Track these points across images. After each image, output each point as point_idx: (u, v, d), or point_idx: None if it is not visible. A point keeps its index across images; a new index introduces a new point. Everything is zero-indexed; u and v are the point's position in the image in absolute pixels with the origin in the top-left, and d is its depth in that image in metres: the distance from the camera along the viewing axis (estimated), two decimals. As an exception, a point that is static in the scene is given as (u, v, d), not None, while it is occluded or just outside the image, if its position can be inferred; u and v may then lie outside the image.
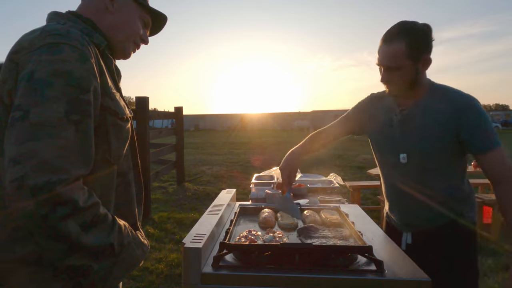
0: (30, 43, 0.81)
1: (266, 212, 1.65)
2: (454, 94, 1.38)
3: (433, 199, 1.44)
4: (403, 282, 1.06)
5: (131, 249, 0.93)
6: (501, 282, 3.00)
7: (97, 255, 0.83)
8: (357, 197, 4.61)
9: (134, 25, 1.06)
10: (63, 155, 0.74)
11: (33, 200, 0.70)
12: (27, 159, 0.70)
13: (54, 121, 0.74)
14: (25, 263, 0.84)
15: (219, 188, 6.75)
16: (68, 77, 0.78)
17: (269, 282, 1.08)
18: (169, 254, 3.60)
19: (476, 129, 1.33)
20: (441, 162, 1.41)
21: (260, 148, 16.20)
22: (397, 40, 1.30)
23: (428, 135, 1.39)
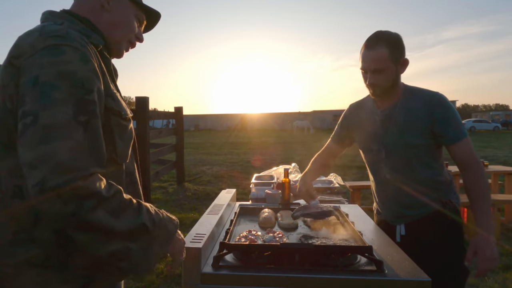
0: (31, 46, 0.80)
1: (266, 212, 1.65)
2: (424, 93, 1.56)
3: (420, 187, 1.56)
4: (403, 282, 1.06)
5: (163, 224, 0.93)
6: (501, 282, 3.00)
7: (132, 237, 0.83)
8: (357, 197, 4.60)
9: (130, 24, 1.05)
10: (76, 157, 0.74)
11: (58, 200, 0.71)
12: (43, 163, 0.71)
13: (63, 123, 0.74)
14: (29, 266, 0.83)
15: (219, 188, 6.75)
16: (72, 78, 0.78)
17: (269, 282, 1.08)
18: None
19: (446, 122, 1.49)
20: (422, 153, 1.55)
21: (260, 148, 16.20)
22: (379, 46, 1.47)
23: (408, 129, 1.54)
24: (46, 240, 0.83)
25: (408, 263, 1.18)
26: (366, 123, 1.69)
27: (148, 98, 5.13)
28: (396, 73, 1.51)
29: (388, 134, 1.60)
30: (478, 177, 1.48)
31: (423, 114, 1.52)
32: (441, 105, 1.50)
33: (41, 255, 0.83)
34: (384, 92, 1.55)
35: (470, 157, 1.50)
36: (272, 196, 2.21)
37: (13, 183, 0.83)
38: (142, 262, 0.86)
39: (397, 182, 1.61)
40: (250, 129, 43.22)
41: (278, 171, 3.01)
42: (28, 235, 0.83)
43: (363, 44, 1.53)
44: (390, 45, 1.47)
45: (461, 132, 1.50)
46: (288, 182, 2.10)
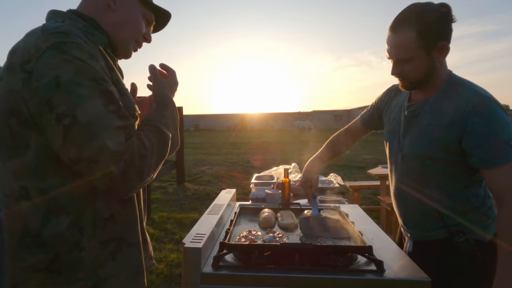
0: (36, 47, 0.79)
1: (266, 212, 1.65)
2: (468, 92, 1.17)
3: (428, 208, 1.28)
4: (403, 282, 1.06)
5: (169, 106, 1.02)
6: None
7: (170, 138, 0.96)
8: (357, 197, 4.61)
9: (137, 23, 1.03)
10: (121, 141, 0.80)
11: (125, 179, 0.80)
12: (101, 155, 0.77)
13: (99, 116, 0.78)
14: (36, 271, 0.83)
15: (219, 188, 6.75)
16: (89, 73, 0.80)
17: (269, 282, 1.08)
18: (169, 254, 3.60)
19: (482, 138, 1.12)
20: (440, 169, 1.23)
21: (260, 148, 16.20)
22: (405, 28, 1.14)
23: (428, 136, 1.24)
24: (55, 240, 0.82)
25: (408, 263, 1.18)
26: (394, 115, 1.42)
27: (148, 98, 5.13)
28: (429, 63, 1.18)
29: (408, 136, 1.31)
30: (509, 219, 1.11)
31: (453, 119, 1.17)
32: (480, 114, 1.12)
33: (47, 259, 0.83)
34: (414, 85, 1.26)
35: (507, 192, 1.12)
36: (272, 196, 2.21)
37: (18, 185, 0.83)
38: (174, 148, 1.00)
39: (405, 193, 1.36)
40: (250, 129, 43.22)
41: (278, 171, 3.01)
42: (34, 239, 0.82)
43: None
44: (421, 25, 1.13)
45: (499, 155, 1.12)
46: (288, 182, 2.10)
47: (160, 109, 0.99)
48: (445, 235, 1.27)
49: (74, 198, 0.84)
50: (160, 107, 1.00)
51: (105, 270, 0.88)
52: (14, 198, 0.83)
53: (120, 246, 0.91)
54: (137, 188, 0.87)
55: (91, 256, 0.85)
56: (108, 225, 0.88)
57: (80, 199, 0.84)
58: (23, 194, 0.82)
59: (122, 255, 0.91)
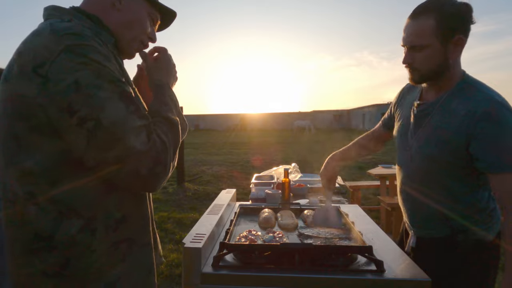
0: (48, 49, 0.76)
1: (266, 212, 1.65)
2: (481, 96, 1.15)
3: (432, 208, 1.29)
4: (403, 282, 1.06)
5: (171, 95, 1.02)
6: (501, 282, 2.99)
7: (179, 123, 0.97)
8: (357, 197, 4.61)
9: (143, 24, 0.99)
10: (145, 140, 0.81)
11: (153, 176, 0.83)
12: (129, 156, 0.79)
13: (122, 118, 0.79)
14: (46, 276, 0.82)
15: (219, 188, 6.75)
16: (107, 75, 0.80)
17: (269, 282, 1.08)
18: (169, 254, 3.60)
19: (491, 144, 1.11)
20: (446, 172, 1.23)
21: (260, 148, 16.19)
22: (425, 15, 1.14)
23: (436, 138, 1.22)
24: (66, 244, 0.81)
25: (408, 263, 1.18)
26: (405, 112, 1.41)
27: (148, 98, 5.13)
28: (443, 55, 1.16)
29: (417, 136, 1.30)
30: None
31: (462, 122, 1.15)
32: (491, 120, 1.11)
33: (58, 263, 0.81)
34: (423, 78, 1.23)
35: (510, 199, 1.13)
36: (272, 196, 2.21)
37: (24, 190, 0.81)
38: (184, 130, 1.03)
39: (410, 190, 1.38)
40: (250, 129, 43.21)
41: (278, 171, 3.01)
42: (45, 244, 0.81)
43: None
44: (440, 16, 1.12)
45: (508, 162, 1.11)
46: (288, 182, 2.10)
47: (159, 97, 0.98)
48: (448, 233, 1.29)
49: (86, 201, 0.83)
50: (158, 94, 0.99)
51: (116, 271, 0.87)
52: (18, 204, 0.81)
53: (131, 246, 0.90)
54: (163, 183, 0.88)
55: (103, 258, 0.84)
56: (120, 226, 0.88)
57: (92, 202, 0.84)
58: (29, 199, 0.81)
59: (133, 255, 0.91)
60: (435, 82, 1.25)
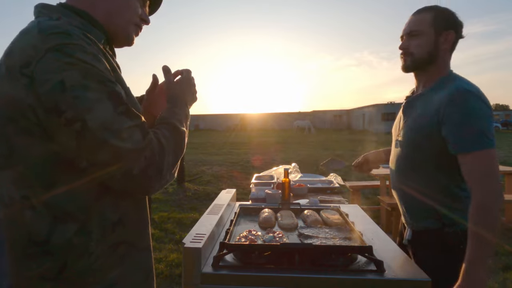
0: (34, 48, 0.75)
1: (266, 212, 1.65)
2: (453, 84, 1.28)
3: (420, 197, 1.36)
4: (403, 282, 1.06)
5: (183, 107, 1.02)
6: (501, 282, 3.00)
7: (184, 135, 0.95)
8: (357, 197, 4.61)
9: (132, 6, 0.96)
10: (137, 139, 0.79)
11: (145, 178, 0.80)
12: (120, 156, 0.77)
13: (110, 119, 0.76)
14: (44, 280, 0.80)
15: (219, 188, 6.75)
16: (95, 75, 0.77)
17: (269, 282, 1.08)
18: (169, 254, 3.60)
19: (455, 125, 1.21)
20: (427, 157, 1.32)
21: (260, 148, 16.20)
22: (425, 11, 1.35)
23: (417, 125, 1.34)
24: (63, 248, 0.80)
25: (408, 263, 1.18)
26: (399, 111, 1.56)
27: (148, 98, 5.12)
28: (434, 43, 1.32)
29: (404, 125, 1.43)
30: (478, 208, 1.19)
31: (436, 109, 1.27)
32: (457, 103, 1.22)
33: (55, 268, 0.80)
34: (415, 64, 1.36)
35: (475, 180, 1.20)
36: (272, 196, 2.21)
37: (19, 194, 0.79)
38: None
39: (400, 184, 1.45)
40: (250, 129, 43.21)
41: (278, 171, 3.01)
42: (41, 248, 0.80)
43: None
44: (437, 13, 1.33)
45: (471, 142, 1.20)
46: (288, 182, 2.10)
47: (171, 106, 0.98)
48: (438, 225, 1.35)
49: (81, 204, 0.81)
50: (171, 104, 0.99)
51: (114, 274, 0.85)
52: (15, 208, 0.80)
53: (130, 249, 0.89)
54: (156, 188, 0.85)
55: (100, 260, 0.83)
56: (117, 229, 0.86)
57: (88, 205, 0.82)
58: (25, 203, 0.79)
59: (132, 259, 0.89)
60: (423, 72, 1.38)
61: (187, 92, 1.05)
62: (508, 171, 4.75)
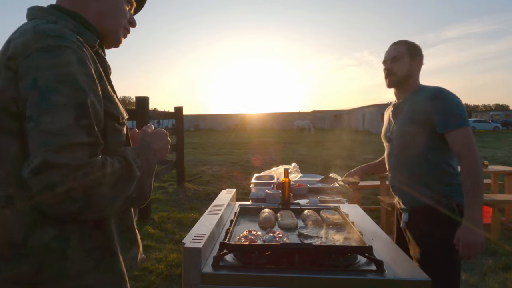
0: (25, 46, 0.77)
1: (266, 212, 1.65)
2: (429, 88, 1.71)
3: (414, 181, 1.68)
4: (403, 282, 1.06)
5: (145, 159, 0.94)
6: (501, 282, 3.00)
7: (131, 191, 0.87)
8: (357, 197, 4.61)
9: (122, 9, 0.99)
10: (79, 157, 0.74)
11: (69, 200, 0.73)
12: (49, 168, 0.71)
13: (65, 129, 0.73)
14: (16, 283, 0.79)
15: (219, 188, 6.75)
16: (72, 81, 0.76)
17: (269, 282, 1.08)
18: (169, 254, 3.60)
19: (441, 112, 1.59)
20: (420, 143, 1.65)
21: (260, 148, 16.19)
22: (401, 43, 1.79)
23: (409, 118, 1.69)
24: (40, 251, 0.79)
25: (408, 263, 1.18)
26: (386, 118, 1.93)
27: (148, 98, 5.13)
28: (409, 66, 1.74)
29: (395, 123, 1.78)
30: (468, 169, 1.53)
31: (422, 105, 1.64)
32: (439, 97, 1.61)
33: (31, 271, 0.79)
34: (398, 81, 1.76)
35: (463, 147, 1.55)
36: (272, 196, 2.21)
37: (3, 194, 0.79)
38: (142, 197, 0.92)
39: (397, 172, 1.77)
40: (250, 129, 43.21)
41: (278, 171, 3.01)
42: (17, 251, 0.78)
43: None
44: (408, 44, 1.77)
45: (455, 121, 1.57)
46: (288, 182, 2.10)
47: (136, 150, 0.94)
48: (432, 201, 1.64)
49: None
50: (137, 149, 0.96)
51: (89, 278, 0.85)
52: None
53: (104, 254, 0.88)
54: (76, 213, 0.76)
55: (76, 265, 0.83)
56: (93, 234, 0.86)
57: None
58: (8, 202, 0.79)
59: (106, 263, 0.89)
60: (402, 87, 1.78)
61: (158, 142, 1.03)
62: (508, 171, 4.75)
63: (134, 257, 1.02)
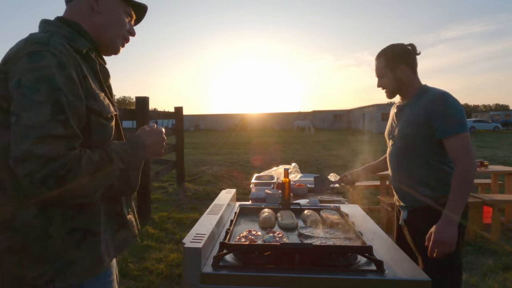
0: (16, 53, 0.90)
1: (266, 212, 1.65)
2: (432, 91, 1.71)
3: (413, 181, 1.71)
4: (403, 282, 1.06)
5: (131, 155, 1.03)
6: (501, 282, 3.00)
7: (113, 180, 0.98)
8: (357, 197, 4.60)
9: (122, 21, 1.11)
10: (56, 148, 0.85)
11: (45, 187, 0.83)
12: (28, 157, 0.82)
13: (42, 123, 0.84)
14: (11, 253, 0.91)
15: (219, 188, 6.75)
16: (50, 82, 0.87)
17: (269, 282, 1.08)
18: (169, 254, 3.59)
19: (440, 117, 1.60)
20: (420, 145, 1.68)
21: (260, 148, 16.20)
22: (380, 57, 1.81)
23: (410, 121, 1.71)
24: (24, 227, 0.91)
25: (408, 263, 1.18)
26: (390, 118, 1.96)
27: (148, 98, 5.12)
28: (394, 77, 1.77)
29: (398, 125, 1.81)
30: (460, 171, 1.56)
31: (423, 108, 1.66)
32: (439, 101, 1.62)
33: (19, 242, 0.91)
34: (392, 93, 1.82)
35: (459, 153, 1.57)
36: (272, 196, 2.21)
37: None
38: (128, 188, 1.03)
39: (397, 172, 1.81)
40: (250, 129, 43.22)
41: (278, 171, 3.01)
42: (8, 224, 0.91)
43: None
44: (386, 55, 1.78)
45: (452, 128, 1.58)
46: (288, 182, 2.10)
47: (122, 145, 1.03)
48: (431, 201, 1.67)
49: None
50: (126, 144, 1.05)
51: (70, 256, 0.95)
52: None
53: (86, 235, 0.98)
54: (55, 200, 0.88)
55: (58, 243, 0.93)
56: (76, 216, 0.96)
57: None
58: (0, 185, 0.91)
59: (87, 244, 0.98)
60: (402, 94, 1.82)
61: (151, 139, 1.11)
62: (507, 171, 4.75)
63: (123, 239, 1.11)
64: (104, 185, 0.95)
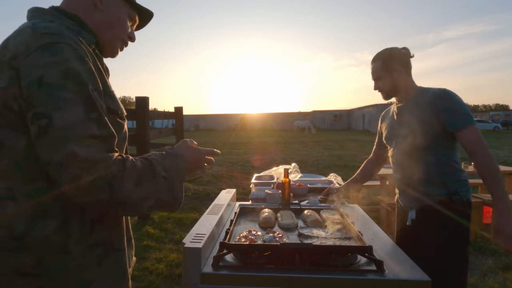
0: (25, 45, 0.79)
1: (266, 212, 1.65)
2: (433, 89, 1.77)
3: (427, 176, 1.70)
4: (403, 282, 1.06)
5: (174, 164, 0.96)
6: (501, 282, 3.00)
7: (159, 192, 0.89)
8: (357, 197, 4.59)
9: (123, 24, 1.03)
10: (96, 150, 0.78)
11: (93, 191, 0.76)
12: (71, 161, 0.74)
13: (77, 123, 0.76)
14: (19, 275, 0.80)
15: (219, 188, 6.75)
16: (75, 77, 0.78)
17: (269, 282, 1.08)
18: (169, 254, 3.59)
19: (451, 111, 1.64)
20: (428, 142, 1.69)
21: (260, 148, 16.19)
22: (376, 60, 1.84)
23: (416, 119, 1.73)
24: (40, 244, 0.80)
25: (408, 263, 1.18)
26: (389, 121, 1.97)
27: (148, 98, 5.12)
28: (391, 80, 1.80)
29: (400, 125, 1.82)
30: (486, 161, 1.58)
31: (430, 105, 1.68)
32: (445, 97, 1.67)
33: (31, 263, 0.80)
34: (389, 95, 1.85)
35: (476, 143, 1.60)
36: (272, 196, 2.21)
37: (4, 186, 0.80)
38: (173, 201, 0.93)
39: (404, 172, 1.80)
40: (250, 129, 43.20)
41: (278, 171, 3.01)
42: (18, 243, 0.80)
43: None
44: (383, 59, 1.81)
45: (465, 120, 1.62)
46: (288, 182, 2.10)
47: (163, 155, 0.96)
48: (446, 197, 1.67)
49: (61, 202, 0.82)
50: (165, 154, 0.97)
51: (90, 274, 0.86)
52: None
53: (107, 250, 0.89)
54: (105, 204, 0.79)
55: (77, 260, 0.84)
56: (96, 229, 0.87)
57: (67, 203, 0.82)
58: (9, 195, 0.80)
59: (109, 260, 0.90)
60: (398, 95, 1.84)
61: (192, 154, 1.06)
62: (508, 171, 4.75)
63: (130, 256, 1.03)
64: (155, 196, 0.86)
